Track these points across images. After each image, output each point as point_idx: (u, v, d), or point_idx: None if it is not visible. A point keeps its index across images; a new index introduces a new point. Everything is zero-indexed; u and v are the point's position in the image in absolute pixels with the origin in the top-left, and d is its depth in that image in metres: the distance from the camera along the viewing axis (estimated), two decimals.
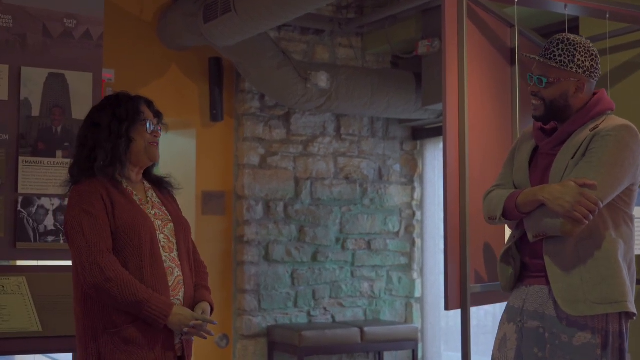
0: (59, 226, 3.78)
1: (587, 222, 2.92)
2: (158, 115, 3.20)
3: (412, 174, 8.02)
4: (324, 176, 7.54)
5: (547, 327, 3.05)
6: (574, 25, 5.46)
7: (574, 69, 3.07)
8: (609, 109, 3.14)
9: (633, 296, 3.04)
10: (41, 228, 3.77)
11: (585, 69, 3.08)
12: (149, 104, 3.17)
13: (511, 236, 3.22)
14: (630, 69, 5.07)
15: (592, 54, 3.10)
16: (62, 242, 3.77)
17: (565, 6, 4.37)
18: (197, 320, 2.96)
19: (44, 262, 3.84)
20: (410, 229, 7.97)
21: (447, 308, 4.03)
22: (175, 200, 3.27)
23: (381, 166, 7.85)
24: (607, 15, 4.49)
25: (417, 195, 8.03)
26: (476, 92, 4.23)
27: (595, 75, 3.11)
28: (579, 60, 3.08)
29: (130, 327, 2.89)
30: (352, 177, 7.68)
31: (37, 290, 3.65)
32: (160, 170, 3.32)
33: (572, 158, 3.03)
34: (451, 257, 3.96)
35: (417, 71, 7.34)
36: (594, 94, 3.16)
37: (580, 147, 3.03)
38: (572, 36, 3.13)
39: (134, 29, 6.83)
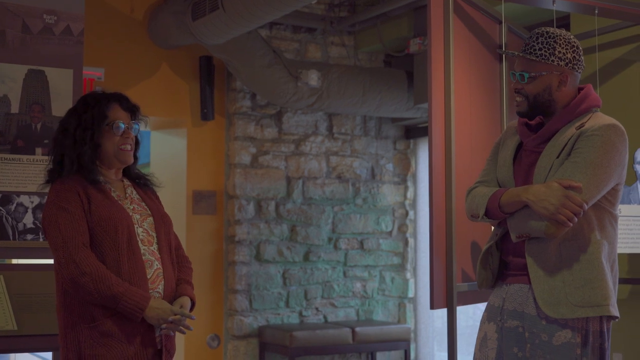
0: (38, 224, 3.74)
1: (571, 224, 2.87)
2: (133, 110, 3.12)
3: (405, 173, 7.98)
4: (315, 175, 7.50)
5: (527, 326, 3.00)
6: (564, 23, 5.44)
7: (556, 62, 3.00)
8: (595, 105, 3.06)
9: (615, 297, 2.99)
10: (20, 226, 3.72)
11: (567, 60, 3.01)
12: (122, 100, 3.10)
13: (493, 234, 3.16)
14: (620, 65, 5.04)
15: (574, 46, 3.03)
16: (41, 240, 3.73)
17: (554, 2, 4.33)
18: (175, 315, 2.94)
19: (22, 261, 3.80)
20: (403, 229, 7.93)
21: (432, 307, 3.99)
22: (157, 197, 3.24)
23: (374, 165, 7.81)
24: (596, 11, 4.45)
25: (410, 194, 7.99)
26: (463, 89, 4.19)
27: (578, 67, 3.04)
28: (559, 52, 3.00)
29: (108, 320, 2.88)
30: (344, 177, 7.64)
31: (14, 289, 3.61)
32: (150, 170, 3.28)
33: (557, 157, 2.97)
34: (437, 255, 3.93)
35: (409, 69, 7.31)
36: (580, 89, 3.10)
37: (565, 146, 2.96)
38: (551, 29, 3.05)
39: (125, 28, 6.79)
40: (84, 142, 2.99)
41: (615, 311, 2.95)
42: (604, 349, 2.94)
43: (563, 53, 3.01)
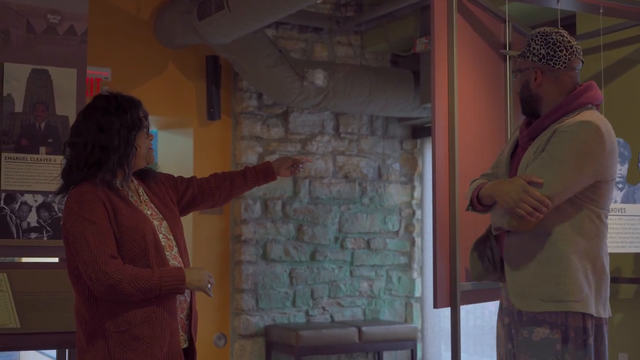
0: (42, 223, 3.75)
1: (533, 219, 2.91)
2: (146, 114, 3.13)
3: (412, 173, 7.98)
4: (322, 175, 7.50)
5: (514, 323, 3.07)
6: (570, 23, 5.42)
7: (530, 58, 3.10)
8: (588, 103, 3.08)
9: (596, 294, 2.98)
10: (24, 225, 3.74)
11: (540, 56, 3.08)
12: (141, 104, 3.10)
13: (488, 228, 3.22)
14: (626, 65, 5.02)
15: (549, 42, 3.08)
16: (45, 238, 3.74)
17: (558, 1, 4.32)
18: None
19: (26, 259, 3.81)
20: (410, 228, 7.92)
21: (436, 306, 4.00)
22: (157, 185, 3.21)
23: (380, 165, 7.81)
24: (601, 10, 4.44)
25: (417, 194, 7.98)
26: (468, 88, 4.18)
27: (554, 63, 3.07)
28: (533, 48, 3.09)
29: (141, 325, 2.87)
30: (351, 176, 7.64)
31: (18, 287, 3.62)
32: (159, 169, 3.30)
33: (534, 153, 3.04)
34: (440, 254, 3.93)
35: (416, 69, 7.30)
36: (578, 85, 3.12)
37: (543, 142, 3.03)
38: (542, 28, 3.14)
39: (131, 28, 6.81)
40: (129, 143, 2.97)
41: (582, 307, 2.94)
42: (588, 345, 2.94)
43: (537, 49, 3.08)
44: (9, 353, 4.58)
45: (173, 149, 7.40)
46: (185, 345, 3.05)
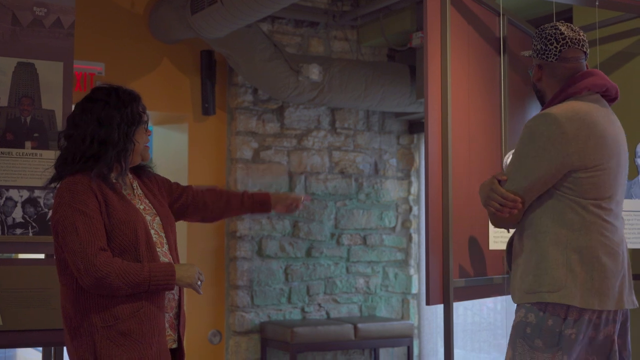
0: (27, 218, 3.71)
1: (504, 214, 3.00)
2: (145, 109, 3.08)
3: (409, 168, 7.93)
4: (318, 170, 7.45)
5: None
6: (567, 16, 5.38)
7: (533, 54, 3.17)
8: (571, 94, 3.08)
9: (583, 284, 2.95)
10: (9, 220, 3.69)
11: (537, 51, 3.14)
12: (141, 99, 3.06)
13: None
14: (622, 59, 4.97)
15: (543, 36, 3.13)
16: (30, 234, 3.70)
17: None
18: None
19: (15, 256, 3.78)
20: (407, 224, 7.88)
21: (428, 303, 3.95)
22: (152, 182, 3.18)
23: (377, 160, 7.76)
24: (597, 3, 4.40)
25: (414, 189, 7.93)
26: (461, 82, 4.13)
27: (548, 56, 3.11)
28: (535, 45, 3.16)
29: (128, 320, 2.83)
30: (347, 172, 7.59)
31: (2, 284, 3.58)
32: (155, 166, 3.26)
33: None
34: (433, 251, 3.88)
35: (412, 64, 7.26)
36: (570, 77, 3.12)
37: None
38: (545, 24, 3.18)
39: (125, 22, 6.76)
40: (129, 139, 2.93)
41: (558, 298, 2.94)
42: (565, 335, 2.93)
43: (536, 45, 3.16)
44: (1, 350, 4.54)
45: (168, 145, 7.36)
46: (174, 346, 3.01)
